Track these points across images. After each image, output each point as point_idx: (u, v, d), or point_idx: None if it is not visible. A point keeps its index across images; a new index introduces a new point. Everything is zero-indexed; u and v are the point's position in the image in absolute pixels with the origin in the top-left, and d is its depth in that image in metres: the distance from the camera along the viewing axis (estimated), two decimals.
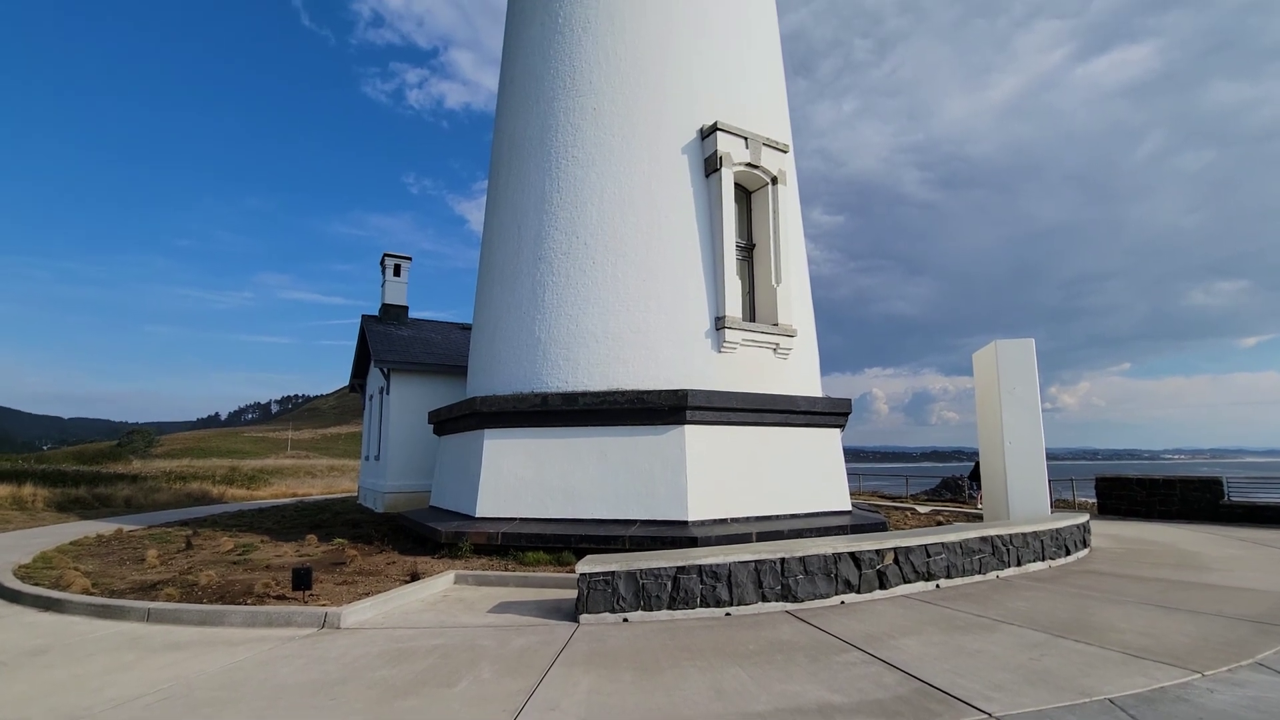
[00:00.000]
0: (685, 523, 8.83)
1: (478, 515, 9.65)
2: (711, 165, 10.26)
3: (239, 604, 6.47)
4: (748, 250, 11.14)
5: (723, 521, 9.16)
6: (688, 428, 9.31)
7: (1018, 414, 10.83)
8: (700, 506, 9.04)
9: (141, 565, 8.97)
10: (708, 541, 8.09)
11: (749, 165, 10.55)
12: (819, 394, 11.45)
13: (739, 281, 10.42)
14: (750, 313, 10.92)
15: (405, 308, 20.62)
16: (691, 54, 10.66)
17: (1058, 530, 8.77)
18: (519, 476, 9.72)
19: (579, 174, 10.28)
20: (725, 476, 9.51)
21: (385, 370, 16.91)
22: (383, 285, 20.61)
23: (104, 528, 13.79)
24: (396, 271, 20.63)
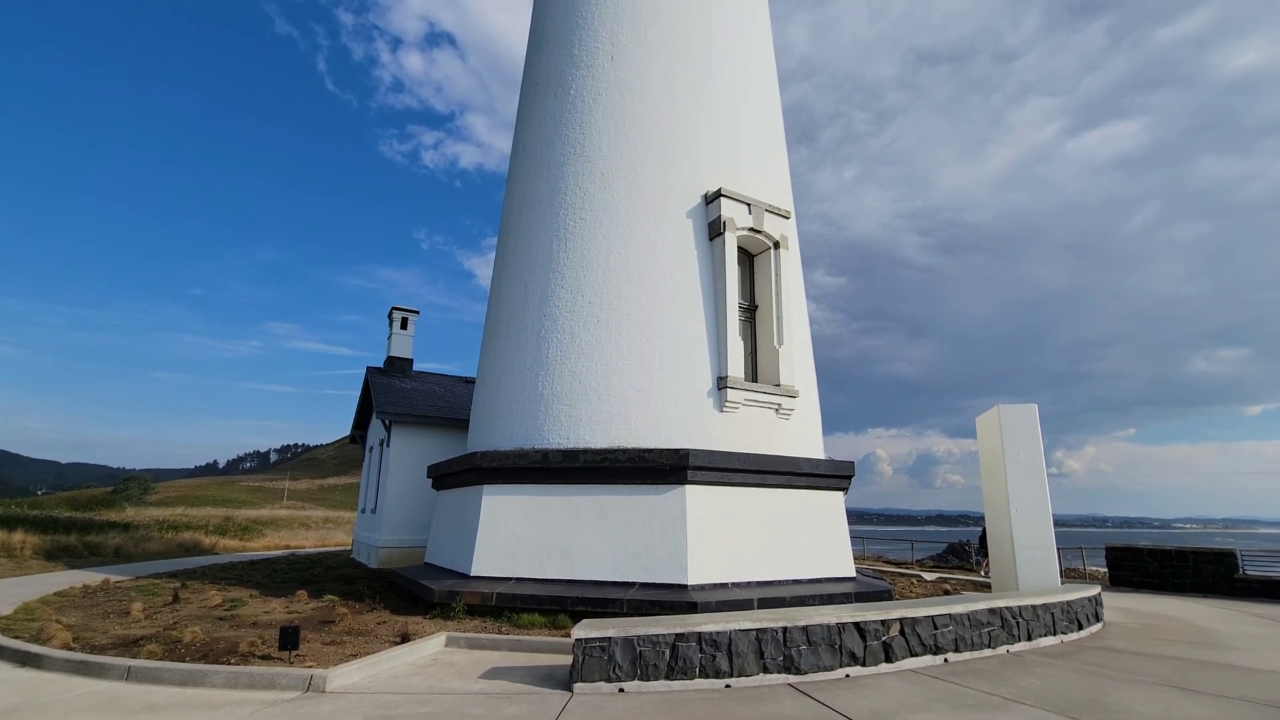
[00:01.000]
0: (685, 586, 8.62)
1: (473, 574, 9.44)
2: (715, 229, 10.51)
3: (223, 663, 6.27)
4: (750, 311, 11.28)
5: (723, 586, 8.93)
6: (689, 488, 9.20)
7: (1023, 480, 10.68)
8: (700, 569, 8.84)
9: (126, 619, 8.73)
10: (708, 607, 7.87)
11: (751, 230, 10.81)
12: (821, 456, 11.36)
13: (741, 342, 10.51)
14: (752, 373, 10.96)
15: (410, 360, 20.76)
16: (697, 124, 11.10)
17: (1069, 603, 8.51)
18: (516, 534, 9.56)
19: (586, 235, 10.54)
20: (726, 539, 9.33)
21: (387, 422, 16.88)
22: (389, 338, 20.81)
23: (91, 577, 13.49)
24: (404, 325, 20.88)
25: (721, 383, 9.99)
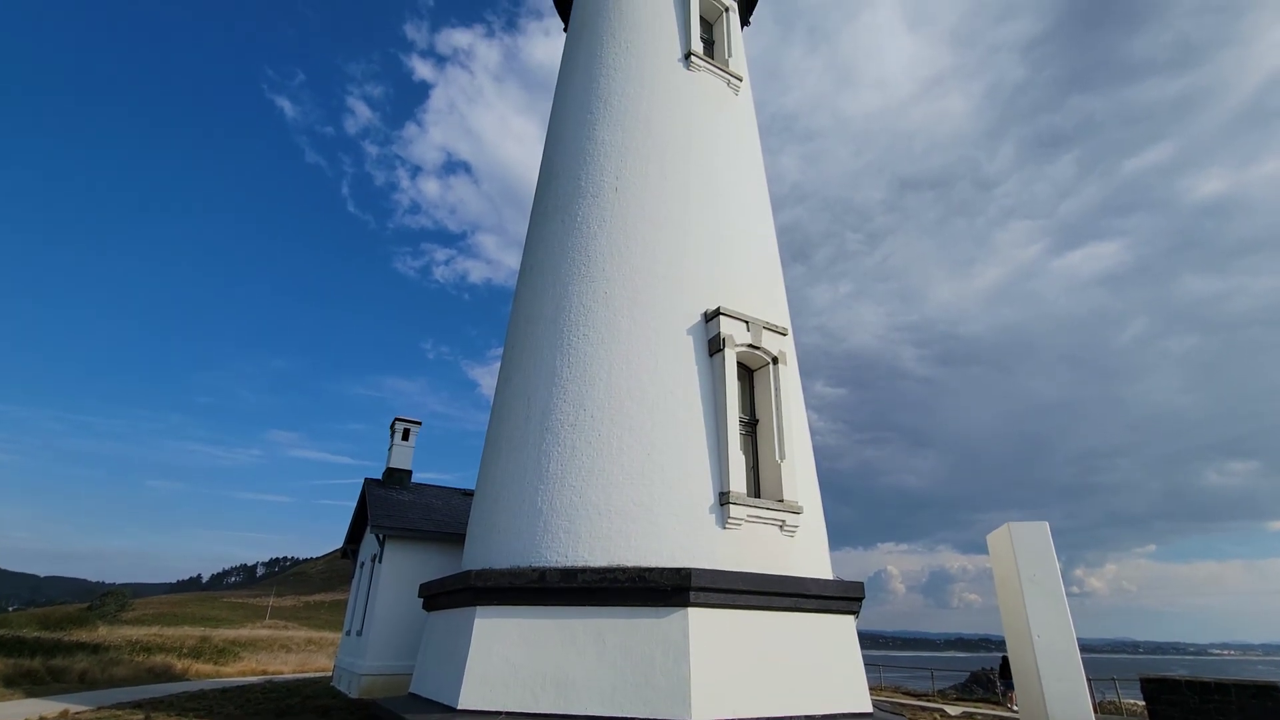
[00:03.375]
0: None
1: (460, 708, 8.80)
2: (715, 346, 10.80)
3: None
4: (750, 425, 11.32)
5: None
6: (691, 610, 8.78)
7: (1042, 603, 10.21)
8: (704, 704, 8.24)
9: None
10: None
11: (750, 346, 11.10)
12: (829, 575, 10.94)
13: (743, 457, 10.45)
14: (755, 489, 10.81)
15: (409, 472, 20.54)
16: (696, 247, 11.73)
17: None
18: (509, 662, 9.01)
19: (589, 350, 10.82)
20: (731, 668, 8.78)
21: (380, 536, 16.42)
22: (390, 449, 20.73)
23: (50, 708, 12.57)
24: (405, 436, 20.86)
25: (724, 498, 9.83)
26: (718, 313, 10.89)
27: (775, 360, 11.39)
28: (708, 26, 15.02)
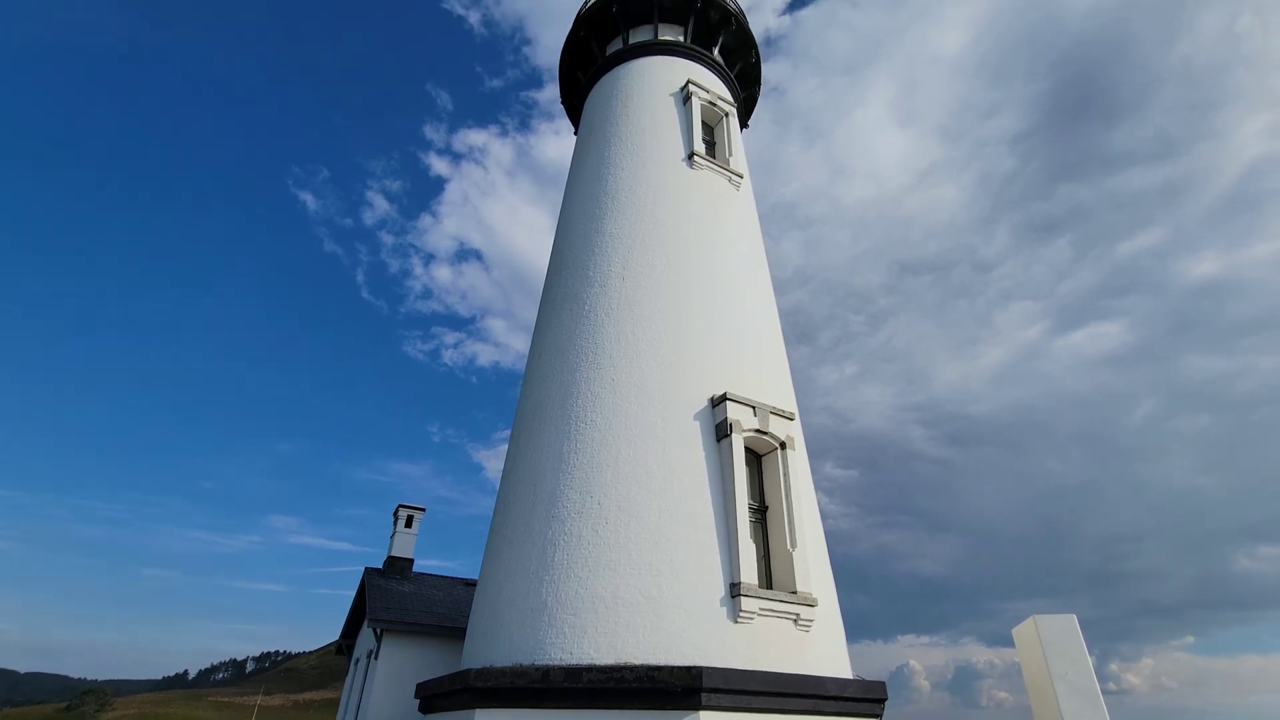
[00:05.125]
0: None
1: None
2: (722, 431, 10.79)
3: None
4: (760, 513, 11.12)
5: None
6: (704, 714, 8.30)
7: (1076, 704, 9.56)
8: None
9: None
10: None
11: (758, 431, 11.08)
12: (849, 672, 10.38)
13: (753, 545, 10.19)
14: (767, 579, 10.47)
15: (411, 561, 20.03)
16: (702, 333, 11.96)
17: None
18: None
19: (596, 436, 10.82)
20: None
21: (378, 630, 15.81)
22: (392, 536, 20.31)
23: None
24: (408, 523, 20.51)
25: (735, 590, 9.51)
26: (724, 398, 10.96)
27: (783, 445, 11.34)
28: (709, 129, 15.99)
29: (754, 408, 11.20)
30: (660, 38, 17.12)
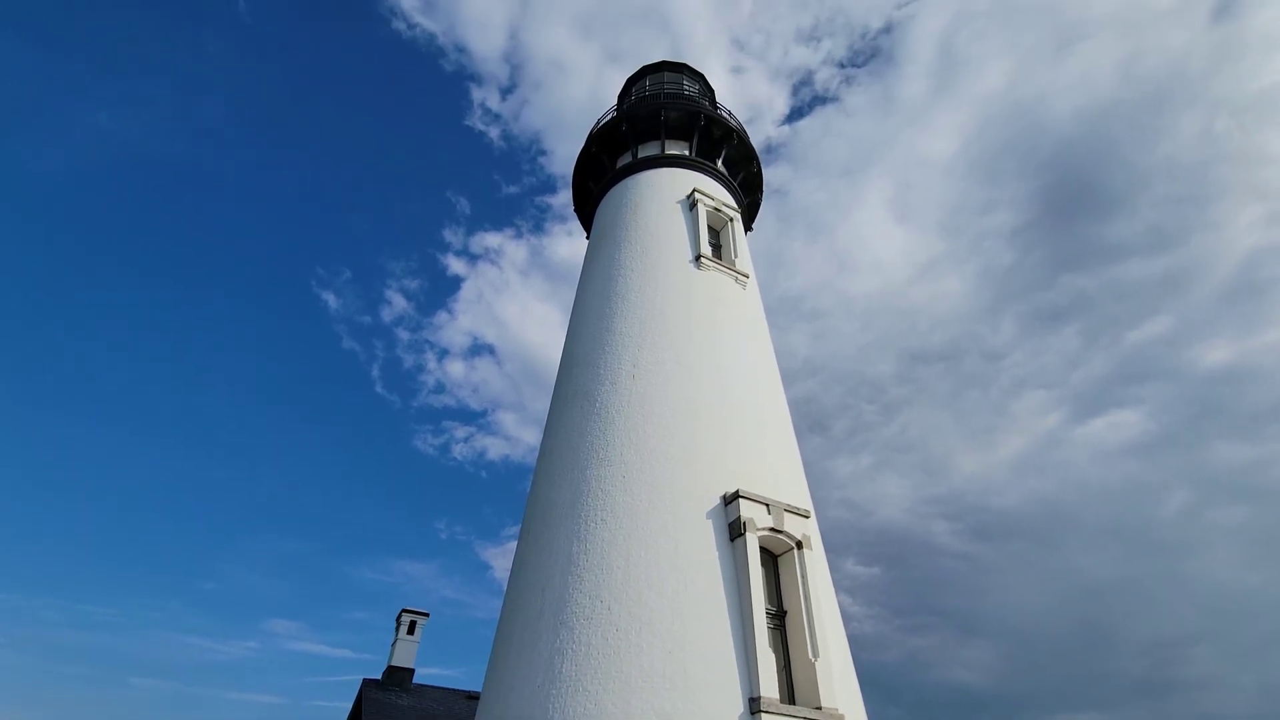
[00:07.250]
0: None
1: None
2: (736, 530, 10.52)
3: None
4: (779, 618, 10.61)
5: None
6: None
7: None
8: None
9: None
10: None
11: (773, 530, 10.79)
12: None
13: (772, 655, 9.65)
14: (788, 693, 9.82)
15: (411, 670, 19.04)
16: (713, 430, 11.94)
17: None
18: None
19: (606, 536, 10.57)
20: None
21: None
22: (394, 643, 19.43)
23: None
24: (411, 629, 19.67)
25: (754, 705, 8.90)
26: (736, 495, 10.77)
27: (799, 544, 10.99)
28: (714, 233, 16.74)
29: (767, 505, 10.96)
30: (667, 152, 18.32)
